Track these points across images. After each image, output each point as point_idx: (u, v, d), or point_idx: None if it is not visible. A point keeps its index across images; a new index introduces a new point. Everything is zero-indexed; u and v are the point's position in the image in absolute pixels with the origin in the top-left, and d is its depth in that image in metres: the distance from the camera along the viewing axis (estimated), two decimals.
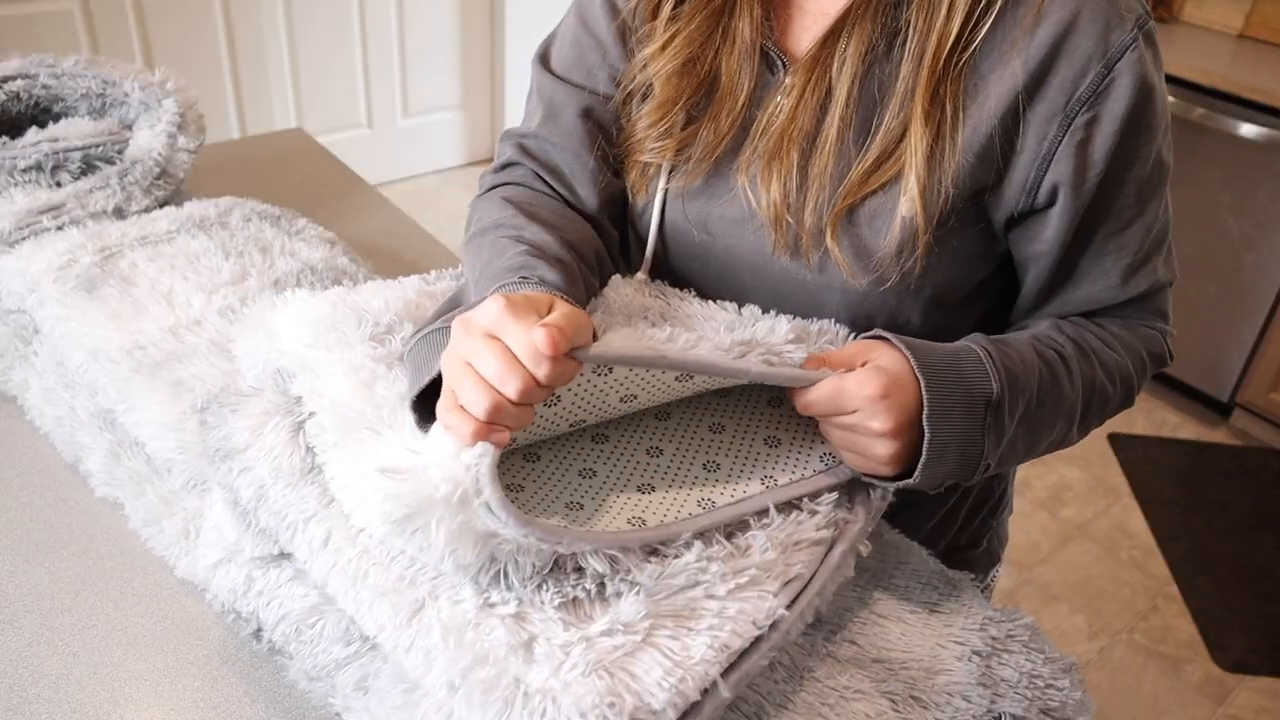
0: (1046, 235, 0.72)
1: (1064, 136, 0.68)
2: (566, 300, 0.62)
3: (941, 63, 0.68)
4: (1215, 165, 2.38)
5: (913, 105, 0.68)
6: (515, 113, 3.70)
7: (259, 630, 0.68)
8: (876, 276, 0.72)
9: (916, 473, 0.63)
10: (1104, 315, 0.77)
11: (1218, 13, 2.68)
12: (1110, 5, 0.68)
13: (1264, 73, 2.38)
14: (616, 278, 0.80)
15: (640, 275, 0.81)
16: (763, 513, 0.62)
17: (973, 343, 0.68)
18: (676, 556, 0.58)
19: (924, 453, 0.62)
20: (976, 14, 0.67)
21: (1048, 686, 0.61)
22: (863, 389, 0.61)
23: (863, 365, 0.63)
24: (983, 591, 0.74)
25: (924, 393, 0.62)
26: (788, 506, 0.63)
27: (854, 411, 0.62)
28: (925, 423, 0.62)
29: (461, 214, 3.85)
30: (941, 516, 0.88)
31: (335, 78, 3.27)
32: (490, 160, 4.22)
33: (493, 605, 0.55)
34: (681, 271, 0.83)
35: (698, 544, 0.59)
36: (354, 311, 0.69)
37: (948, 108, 0.68)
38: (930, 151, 0.68)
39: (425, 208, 3.43)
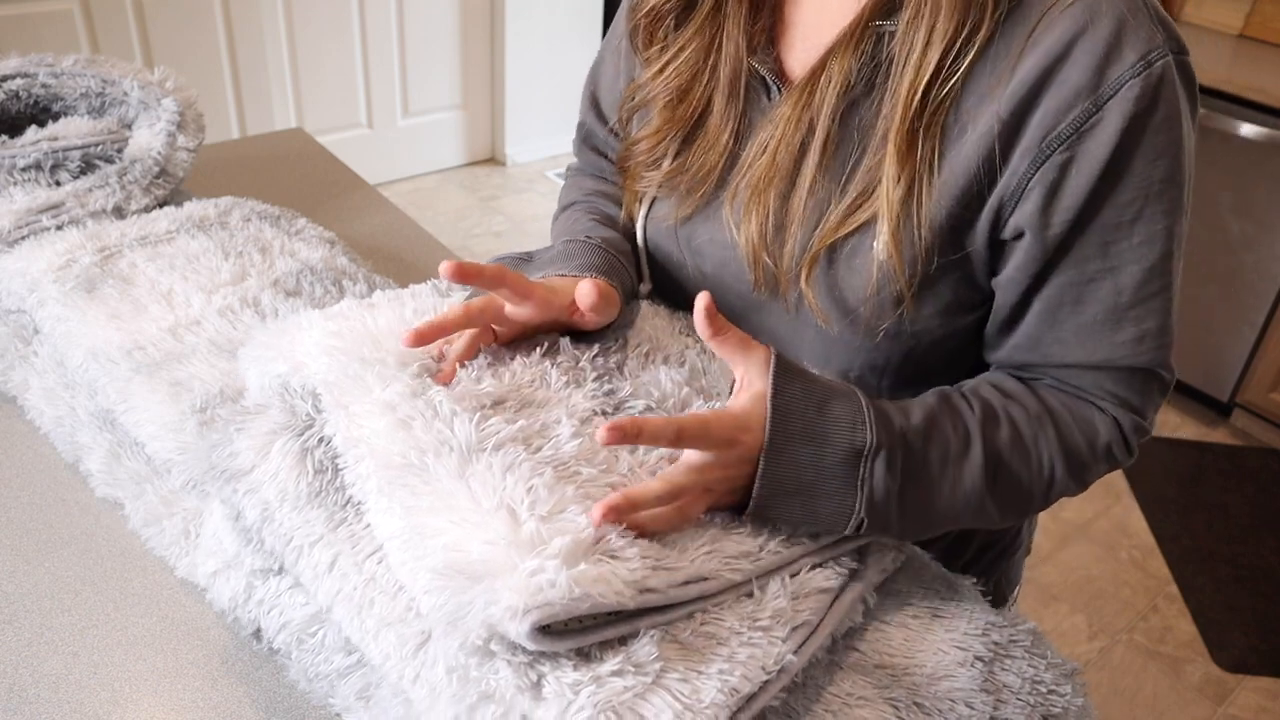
0: (1006, 273, 0.66)
1: (1034, 174, 0.61)
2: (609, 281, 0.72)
3: (918, 98, 0.61)
4: (1215, 165, 2.37)
5: (887, 145, 0.63)
6: (515, 113, 3.70)
7: (259, 631, 0.68)
8: (851, 322, 0.68)
9: (754, 492, 0.59)
10: (1055, 373, 0.70)
11: (1218, 13, 2.68)
12: (1116, 33, 0.59)
13: (1264, 73, 2.38)
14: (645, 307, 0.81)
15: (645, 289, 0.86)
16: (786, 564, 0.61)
17: (860, 393, 0.63)
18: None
19: (758, 477, 0.58)
20: (958, 45, 0.61)
21: (1050, 692, 0.61)
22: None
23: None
24: None
25: (767, 431, 0.59)
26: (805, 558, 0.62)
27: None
28: (761, 459, 0.58)
29: (461, 214, 3.85)
30: (940, 552, 0.84)
31: (335, 78, 3.27)
32: (489, 160, 4.18)
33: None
34: (670, 294, 0.83)
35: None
36: (376, 341, 0.67)
37: (925, 148, 0.62)
38: (905, 195, 0.63)
39: (425, 208, 3.43)
